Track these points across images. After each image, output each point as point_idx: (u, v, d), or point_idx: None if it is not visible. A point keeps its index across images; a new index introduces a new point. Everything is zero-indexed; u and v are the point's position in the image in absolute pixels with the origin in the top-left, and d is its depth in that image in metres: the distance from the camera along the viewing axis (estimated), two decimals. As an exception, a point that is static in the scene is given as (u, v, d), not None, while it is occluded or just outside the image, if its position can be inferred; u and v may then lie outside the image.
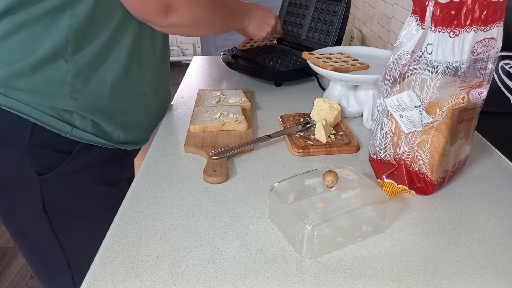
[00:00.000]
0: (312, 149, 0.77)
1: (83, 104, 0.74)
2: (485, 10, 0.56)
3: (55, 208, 0.77)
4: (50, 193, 0.76)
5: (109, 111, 0.78)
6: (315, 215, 0.54)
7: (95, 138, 0.77)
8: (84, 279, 0.51)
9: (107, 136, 0.80)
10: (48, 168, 0.74)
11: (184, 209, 0.63)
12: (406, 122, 0.63)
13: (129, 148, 0.86)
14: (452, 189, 0.68)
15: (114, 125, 0.80)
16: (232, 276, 0.51)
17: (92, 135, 0.77)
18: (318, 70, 0.91)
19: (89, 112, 0.75)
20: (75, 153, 0.76)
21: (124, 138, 0.83)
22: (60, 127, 0.73)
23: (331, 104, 0.85)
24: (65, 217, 0.79)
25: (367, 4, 1.85)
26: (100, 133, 0.78)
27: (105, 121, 0.78)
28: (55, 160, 0.75)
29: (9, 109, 0.69)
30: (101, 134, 0.78)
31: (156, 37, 0.83)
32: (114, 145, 0.81)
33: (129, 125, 0.83)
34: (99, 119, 0.77)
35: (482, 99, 0.64)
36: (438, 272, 0.52)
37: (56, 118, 0.72)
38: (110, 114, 0.78)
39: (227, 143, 0.79)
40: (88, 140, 0.77)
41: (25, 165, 0.73)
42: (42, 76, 0.69)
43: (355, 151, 0.79)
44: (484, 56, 0.60)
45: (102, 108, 0.77)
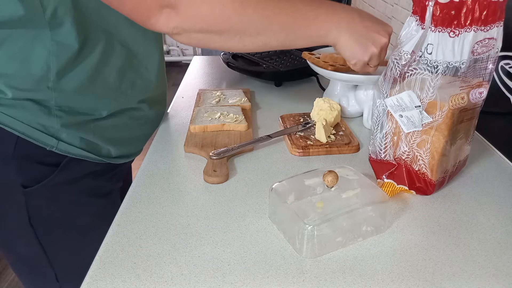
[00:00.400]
0: (312, 149, 0.77)
1: (68, 122, 0.70)
2: (485, 10, 0.56)
3: (41, 220, 0.74)
4: (36, 205, 0.73)
5: (97, 128, 0.74)
6: (315, 215, 0.54)
7: (83, 152, 0.73)
8: (84, 279, 0.50)
9: (96, 150, 0.75)
10: (34, 180, 0.71)
11: (184, 209, 0.63)
12: (406, 122, 0.63)
13: (120, 161, 0.82)
14: (452, 189, 0.68)
15: (103, 141, 0.76)
16: (232, 276, 0.51)
17: (80, 150, 0.73)
18: (318, 70, 0.91)
19: (75, 129, 0.71)
20: (63, 166, 0.72)
21: (115, 153, 0.79)
22: (45, 141, 0.69)
23: (331, 104, 0.85)
24: (51, 229, 0.76)
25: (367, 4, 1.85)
26: (89, 148, 0.74)
27: (93, 137, 0.74)
28: (42, 173, 0.71)
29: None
30: (89, 149, 0.74)
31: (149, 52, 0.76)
32: (103, 159, 0.77)
33: (120, 140, 0.79)
34: (86, 136, 0.73)
35: (482, 99, 0.64)
36: (438, 272, 0.52)
37: (41, 131, 0.68)
38: (99, 130, 0.74)
39: (227, 143, 0.79)
40: (76, 155, 0.72)
41: (10, 177, 0.70)
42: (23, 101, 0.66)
43: (355, 151, 0.79)
44: (484, 56, 0.60)
45: (89, 125, 0.73)
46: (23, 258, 0.80)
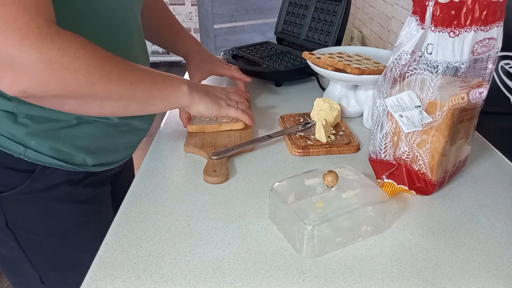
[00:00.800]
0: (312, 149, 0.77)
1: (35, 130, 0.66)
2: (485, 10, 0.56)
3: (19, 225, 0.72)
4: (12, 210, 0.70)
5: (69, 136, 0.69)
6: (315, 215, 0.54)
7: (53, 161, 0.69)
8: (84, 279, 0.51)
9: (69, 159, 0.70)
10: (7, 186, 0.68)
11: (184, 209, 0.63)
12: (406, 122, 0.63)
13: (98, 170, 0.76)
14: (452, 189, 0.68)
15: (76, 150, 0.71)
16: (232, 276, 0.51)
17: (50, 158, 0.68)
18: (318, 70, 0.91)
19: (43, 137, 0.67)
20: (37, 173, 0.68)
21: (92, 161, 0.74)
22: (13, 148, 0.65)
23: (331, 104, 0.85)
24: (30, 234, 0.73)
25: (367, 4, 1.85)
26: (60, 156, 0.69)
27: (63, 146, 0.69)
28: (15, 179, 0.68)
29: None
30: (60, 157, 0.69)
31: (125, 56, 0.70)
32: (77, 168, 0.72)
33: (98, 149, 0.74)
34: (56, 144, 0.68)
35: (482, 99, 0.64)
36: (438, 272, 0.52)
37: (8, 138, 0.65)
38: (70, 139, 0.69)
39: (227, 143, 0.79)
40: (46, 163, 0.68)
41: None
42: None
43: (355, 151, 0.79)
44: (484, 56, 0.60)
45: (59, 133, 0.68)
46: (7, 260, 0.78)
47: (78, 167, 0.72)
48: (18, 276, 0.80)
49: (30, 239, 0.74)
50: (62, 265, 0.77)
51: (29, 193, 0.69)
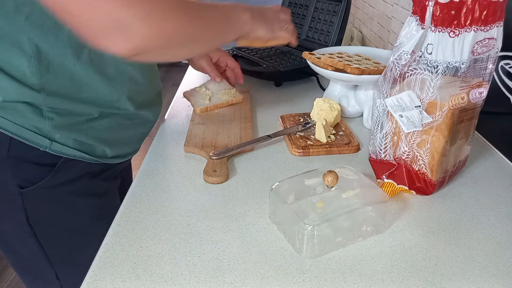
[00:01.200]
0: (312, 149, 0.77)
1: (60, 124, 0.69)
2: (485, 10, 0.56)
3: (39, 221, 0.74)
4: (33, 206, 0.73)
5: (91, 129, 0.73)
6: (315, 215, 0.54)
7: (77, 153, 0.72)
8: (84, 279, 0.51)
9: (91, 151, 0.74)
10: (29, 181, 0.70)
11: (184, 209, 0.63)
12: (406, 122, 0.63)
13: (116, 161, 0.81)
14: (452, 189, 0.68)
15: (97, 141, 0.75)
16: (232, 276, 0.51)
17: (74, 150, 0.72)
18: (318, 70, 0.91)
19: (68, 130, 0.70)
20: (59, 167, 0.71)
21: (110, 153, 0.78)
22: (39, 141, 0.68)
23: (331, 104, 0.85)
24: (49, 229, 0.76)
25: (367, 4, 1.85)
26: (83, 148, 0.73)
27: (86, 138, 0.73)
28: (37, 174, 0.71)
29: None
30: (83, 149, 0.73)
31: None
32: (98, 160, 0.76)
33: (115, 140, 0.78)
34: (79, 137, 0.72)
35: (482, 99, 0.64)
36: (438, 272, 0.52)
37: (34, 132, 0.68)
38: (92, 131, 0.73)
39: (227, 143, 0.79)
40: (70, 155, 0.71)
41: (5, 179, 0.69)
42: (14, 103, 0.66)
43: (355, 151, 0.79)
44: (484, 56, 0.60)
45: (82, 126, 0.72)
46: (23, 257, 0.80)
47: (99, 159, 0.76)
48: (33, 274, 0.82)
49: (49, 234, 0.76)
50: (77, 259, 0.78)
51: (50, 187, 0.72)
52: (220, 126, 0.86)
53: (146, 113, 0.82)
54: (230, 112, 0.93)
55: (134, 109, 0.77)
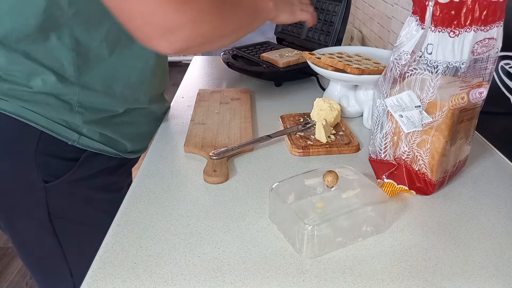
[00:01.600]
0: (312, 149, 0.77)
1: (89, 119, 0.73)
2: (485, 10, 0.56)
3: (60, 216, 0.77)
4: (55, 201, 0.75)
5: (115, 124, 0.78)
6: (315, 215, 0.54)
7: (102, 146, 0.77)
8: (84, 279, 0.51)
9: (114, 145, 0.79)
10: (53, 176, 0.73)
11: (184, 209, 0.63)
12: (406, 122, 0.63)
13: (132, 156, 0.86)
14: (452, 189, 0.68)
15: (120, 136, 0.79)
16: (232, 276, 0.51)
17: (100, 144, 0.76)
18: (318, 70, 0.91)
19: (95, 125, 0.75)
20: (81, 161, 0.75)
21: (129, 148, 0.83)
22: (68, 135, 0.72)
23: (331, 104, 0.85)
24: (69, 225, 0.79)
25: (367, 4, 1.85)
26: (107, 142, 0.78)
27: (111, 133, 0.78)
28: (61, 168, 0.74)
29: (17, 116, 0.68)
30: (108, 143, 0.78)
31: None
32: (120, 154, 0.81)
33: (133, 136, 0.83)
34: (105, 131, 0.76)
35: (482, 99, 0.64)
36: (438, 272, 0.52)
37: (63, 126, 0.71)
38: (116, 127, 0.78)
39: (227, 143, 0.79)
40: (95, 149, 0.76)
41: (32, 174, 0.72)
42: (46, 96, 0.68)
43: (355, 151, 0.79)
44: (484, 56, 0.60)
45: (108, 122, 0.76)
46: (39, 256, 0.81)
47: (120, 153, 0.80)
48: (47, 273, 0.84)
49: (67, 230, 0.78)
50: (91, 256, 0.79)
51: (72, 181, 0.75)
52: (220, 126, 0.86)
53: (156, 109, 0.87)
54: (230, 112, 0.93)
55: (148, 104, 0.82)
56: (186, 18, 0.57)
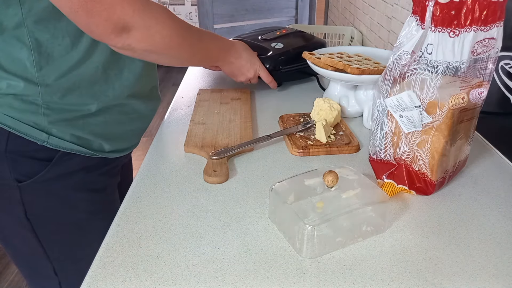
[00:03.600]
0: (312, 149, 0.77)
1: (56, 119, 0.71)
2: (485, 10, 0.56)
3: (37, 215, 0.75)
4: (31, 200, 0.74)
5: (89, 124, 0.75)
6: (315, 215, 0.54)
7: (74, 146, 0.74)
8: (84, 278, 0.50)
9: (87, 145, 0.76)
10: (27, 175, 0.72)
11: (184, 209, 0.63)
12: (406, 122, 0.63)
13: (114, 156, 0.82)
14: (452, 189, 0.68)
15: (93, 135, 0.76)
16: (232, 276, 0.51)
17: (71, 143, 0.73)
18: (318, 70, 0.91)
19: (64, 125, 0.72)
20: (56, 161, 0.73)
21: (107, 147, 0.80)
22: (36, 135, 0.70)
23: (331, 104, 0.85)
24: (47, 224, 0.77)
25: (367, 4, 1.85)
26: (79, 142, 0.75)
27: (82, 132, 0.74)
28: (34, 168, 0.72)
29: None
30: (80, 143, 0.75)
31: None
32: (96, 153, 0.78)
33: (112, 135, 0.80)
34: (76, 131, 0.74)
35: (482, 99, 0.64)
36: (438, 272, 0.52)
37: (31, 126, 0.69)
38: (88, 126, 0.75)
39: (227, 143, 0.79)
40: (67, 149, 0.73)
41: (4, 173, 0.70)
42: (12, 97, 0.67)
43: (355, 151, 0.79)
44: (484, 56, 0.60)
45: (78, 122, 0.73)
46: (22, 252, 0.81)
47: (96, 153, 0.77)
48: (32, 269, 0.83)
49: (46, 228, 0.77)
50: (75, 254, 0.80)
51: (47, 180, 0.73)
52: (220, 126, 0.86)
53: (141, 107, 0.83)
54: (230, 112, 0.93)
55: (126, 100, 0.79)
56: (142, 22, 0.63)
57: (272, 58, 1.08)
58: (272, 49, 1.10)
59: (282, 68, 1.07)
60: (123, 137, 0.83)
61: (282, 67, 1.07)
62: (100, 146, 0.78)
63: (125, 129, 0.83)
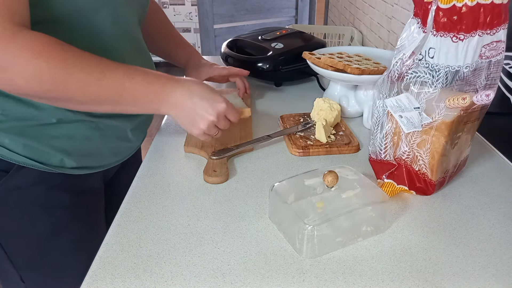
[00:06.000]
0: (312, 149, 0.77)
1: (8, 126, 0.64)
2: (489, 14, 0.55)
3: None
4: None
5: (45, 136, 0.66)
6: (315, 215, 0.54)
7: (27, 160, 0.66)
8: (84, 279, 0.51)
9: (45, 158, 0.67)
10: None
11: (184, 209, 0.63)
12: (406, 122, 0.63)
13: (79, 172, 0.72)
14: (452, 189, 0.69)
15: (53, 149, 0.67)
16: (232, 276, 0.51)
17: (23, 157, 0.66)
18: (318, 70, 0.91)
19: (17, 134, 0.65)
20: (12, 173, 0.66)
21: (71, 164, 0.70)
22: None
23: (331, 104, 0.85)
24: (8, 234, 0.72)
25: (367, 4, 1.85)
26: (34, 155, 0.66)
27: (38, 144, 0.66)
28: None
29: None
30: (35, 157, 0.67)
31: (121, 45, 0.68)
32: (54, 169, 0.69)
33: (77, 151, 0.70)
34: (30, 142, 0.66)
35: (490, 101, 0.63)
36: (438, 272, 0.52)
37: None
38: (46, 138, 0.67)
39: (227, 143, 0.79)
40: (20, 162, 0.66)
41: None
42: None
43: (355, 151, 0.79)
44: (495, 60, 0.59)
45: (34, 132, 0.65)
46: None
47: (54, 168, 0.69)
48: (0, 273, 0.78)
49: (8, 238, 0.72)
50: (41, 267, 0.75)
51: (4, 192, 0.68)
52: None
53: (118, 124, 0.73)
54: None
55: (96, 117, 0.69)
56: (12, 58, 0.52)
57: (272, 58, 1.08)
58: (272, 49, 1.10)
59: (282, 68, 1.07)
60: (94, 154, 0.74)
61: (282, 67, 1.07)
62: (60, 161, 0.69)
63: (97, 146, 0.73)
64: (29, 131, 0.65)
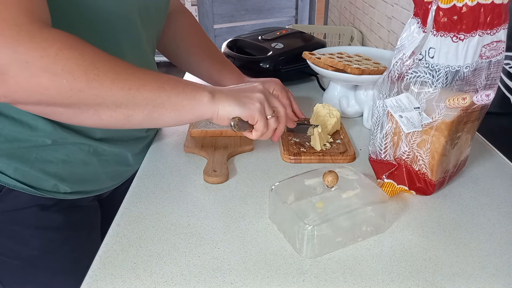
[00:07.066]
0: (305, 156, 0.75)
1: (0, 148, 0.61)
2: (490, 14, 0.55)
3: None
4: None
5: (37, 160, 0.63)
6: (315, 215, 0.54)
7: (18, 184, 0.63)
8: (84, 279, 0.51)
9: (36, 184, 0.64)
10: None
11: (184, 209, 0.63)
12: (406, 122, 0.63)
13: (74, 197, 0.69)
14: (452, 189, 0.68)
15: (46, 175, 0.64)
16: (232, 276, 0.51)
17: (14, 180, 0.62)
18: (318, 70, 0.91)
19: (8, 157, 0.61)
20: (2, 195, 0.63)
21: (65, 189, 0.67)
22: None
23: (331, 111, 0.83)
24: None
25: (367, 4, 1.85)
26: (25, 179, 0.63)
27: (30, 168, 0.63)
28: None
29: None
30: (26, 181, 0.63)
31: None
32: (46, 194, 0.65)
33: (72, 176, 0.67)
34: (22, 166, 0.62)
35: (490, 101, 0.63)
36: (438, 272, 0.52)
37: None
38: (40, 162, 0.63)
39: (227, 143, 0.79)
40: (10, 185, 0.63)
41: None
42: None
43: (350, 160, 0.76)
44: (495, 60, 0.59)
45: (27, 155, 0.62)
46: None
47: (47, 193, 0.66)
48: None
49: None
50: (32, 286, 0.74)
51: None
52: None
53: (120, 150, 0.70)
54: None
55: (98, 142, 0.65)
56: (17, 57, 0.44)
57: (272, 58, 1.08)
58: (272, 49, 1.10)
59: (282, 68, 1.07)
60: (91, 179, 0.70)
61: (282, 67, 1.07)
62: (53, 186, 0.66)
63: (95, 171, 0.69)
64: (22, 153, 0.61)
